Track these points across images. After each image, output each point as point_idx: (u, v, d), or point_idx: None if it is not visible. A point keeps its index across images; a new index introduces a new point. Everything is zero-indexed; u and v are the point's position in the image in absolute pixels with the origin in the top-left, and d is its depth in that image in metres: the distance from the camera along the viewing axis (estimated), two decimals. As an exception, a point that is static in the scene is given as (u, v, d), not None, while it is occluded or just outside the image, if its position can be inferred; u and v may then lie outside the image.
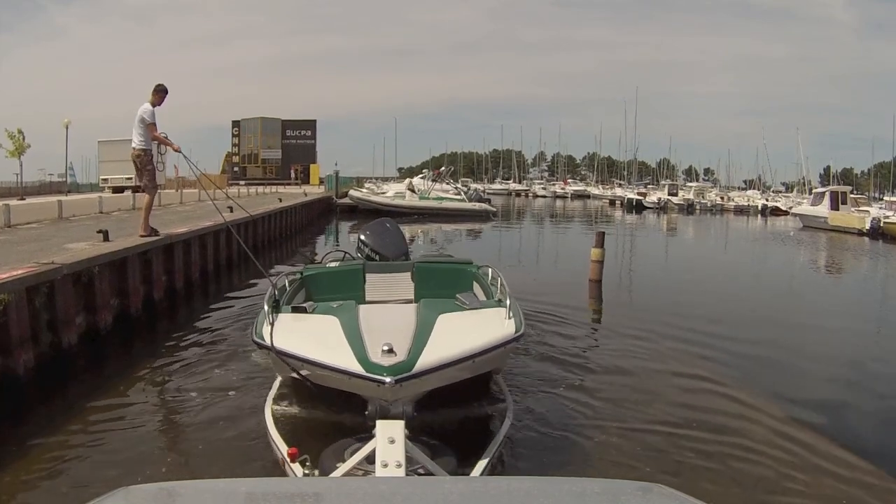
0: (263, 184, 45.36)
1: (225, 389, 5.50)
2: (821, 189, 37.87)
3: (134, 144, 8.80)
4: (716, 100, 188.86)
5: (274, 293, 4.63)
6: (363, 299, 5.59)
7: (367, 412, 3.59)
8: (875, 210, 30.76)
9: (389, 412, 3.47)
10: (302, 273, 6.06)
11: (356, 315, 4.38)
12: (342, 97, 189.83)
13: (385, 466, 3.01)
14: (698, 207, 51.29)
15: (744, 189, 72.14)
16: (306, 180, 58.50)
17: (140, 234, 9.06)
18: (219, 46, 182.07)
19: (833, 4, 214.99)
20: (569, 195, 76.43)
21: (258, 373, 5.76)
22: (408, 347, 3.58)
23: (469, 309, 4.56)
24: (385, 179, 59.57)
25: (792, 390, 6.20)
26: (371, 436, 3.25)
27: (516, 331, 4.13)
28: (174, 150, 8.60)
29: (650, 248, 23.67)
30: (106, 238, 8.37)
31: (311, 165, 66.18)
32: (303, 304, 4.74)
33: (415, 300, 5.51)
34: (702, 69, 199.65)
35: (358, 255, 6.86)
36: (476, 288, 5.70)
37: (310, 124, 75.41)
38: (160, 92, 8.73)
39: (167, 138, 8.78)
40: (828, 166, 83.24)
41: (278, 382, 4.86)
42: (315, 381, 3.85)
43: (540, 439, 4.63)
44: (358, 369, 3.37)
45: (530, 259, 19.22)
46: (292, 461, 3.41)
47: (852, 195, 35.35)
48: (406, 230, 8.65)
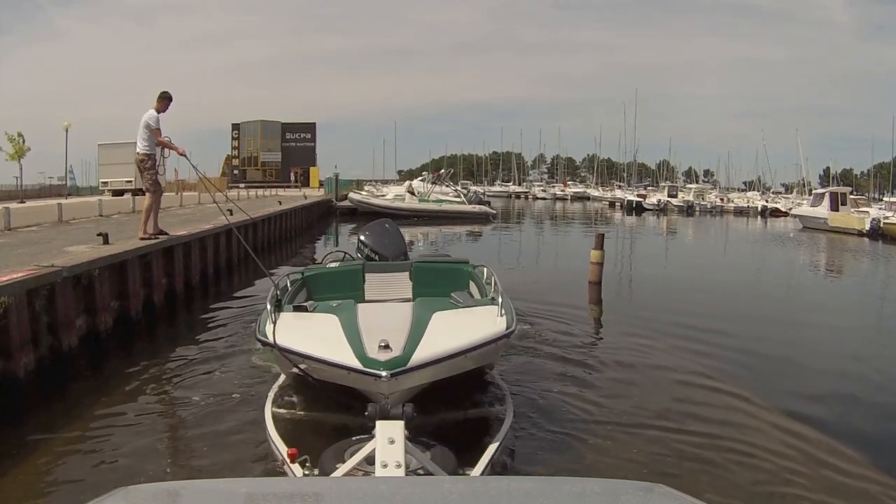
0: (263, 187, 45.40)
1: (225, 390, 5.51)
2: (820, 190, 37.81)
3: (138, 149, 9.01)
4: (715, 101, 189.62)
5: (276, 293, 4.75)
6: (362, 298, 5.68)
7: (367, 413, 3.61)
8: (875, 211, 30.73)
9: (389, 413, 3.49)
10: (303, 273, 6.14)
11: (355, 314, 4.51)
12: (342, 98, 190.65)
13: (385, 467, 3.03)
14: (698, 209, 51.23)
15: (743, 190, 72.13)
16: (306, 183, 58.39)
17: (140, 237, 9.09)
18: (219, 47, 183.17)
19: (832, 6, 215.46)
20: (569, 197, 76.56)
21: (258, 374, 5.78)
22: (403, 343, 3.69)
23: (463, 307, 4.75)
24: (385, 182, 59.58)
25: (792, 390, 6.22)
26: (371, 436, 3.29)
27: (507, 328, 4.23)
28: (179, 154, 8.86)
29: (650, 250, 23.69)
30: (106, 241, 8.38)
31: (311, 168, 66.03)
32: (304, 304, 4.88)
33: (413, 299, 5.58)
34: (701, 71, 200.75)
35: (358, 256, 6.95)
36: (472, 287, 5.85)
37: (309, 127, 75.29)
38: (165, 99, 9.01)
39: (171, 142, 9.01)
40: (827, 167, 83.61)
41: (278, 383, 4.90)
42: (315, 377, 3.93)
43: (540, 439, 4.63)
44: (356, 364, 3.47)
45: (530, 261, 19.23)
46: (292, 461, 3.44)
47: (852, 196, 35.28)
48: (406, 233, 8.68)
